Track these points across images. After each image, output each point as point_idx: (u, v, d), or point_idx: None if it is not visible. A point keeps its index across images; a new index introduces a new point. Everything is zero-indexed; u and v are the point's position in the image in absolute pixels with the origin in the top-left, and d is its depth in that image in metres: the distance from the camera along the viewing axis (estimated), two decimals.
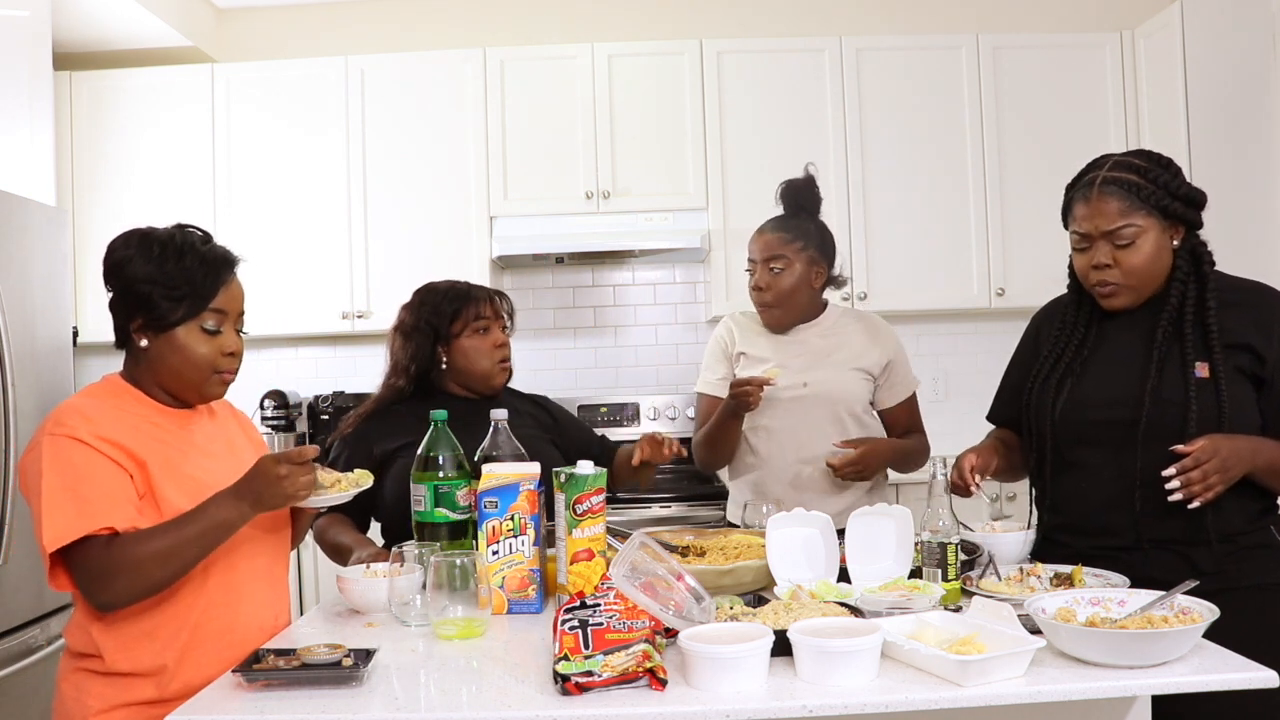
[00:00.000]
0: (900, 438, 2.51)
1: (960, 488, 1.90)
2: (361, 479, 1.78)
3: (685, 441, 4.02)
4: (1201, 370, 1.77)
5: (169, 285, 1.60)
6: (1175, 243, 1.84)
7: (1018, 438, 2.05)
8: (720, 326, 2.60)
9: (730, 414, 2.40)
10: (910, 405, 2.52)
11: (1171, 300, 1.83)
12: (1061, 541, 1.92)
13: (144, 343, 1.63)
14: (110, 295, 1.65)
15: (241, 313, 1.71)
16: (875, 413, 2.51)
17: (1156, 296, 1.86)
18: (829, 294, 2.55)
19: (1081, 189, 1.88)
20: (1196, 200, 1.84)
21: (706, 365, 2.59)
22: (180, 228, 1.68)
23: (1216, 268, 1.86)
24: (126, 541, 1.50)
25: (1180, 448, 1.70)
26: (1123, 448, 1.81)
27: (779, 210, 2.53)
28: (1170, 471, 1.70)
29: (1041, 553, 1.94)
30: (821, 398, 2.41)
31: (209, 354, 1.64)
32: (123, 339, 1.66)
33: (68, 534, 1.48)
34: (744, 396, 2.32)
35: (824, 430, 2.42)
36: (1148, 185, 1.81)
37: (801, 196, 2.52)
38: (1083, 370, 1.91)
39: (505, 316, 2.31)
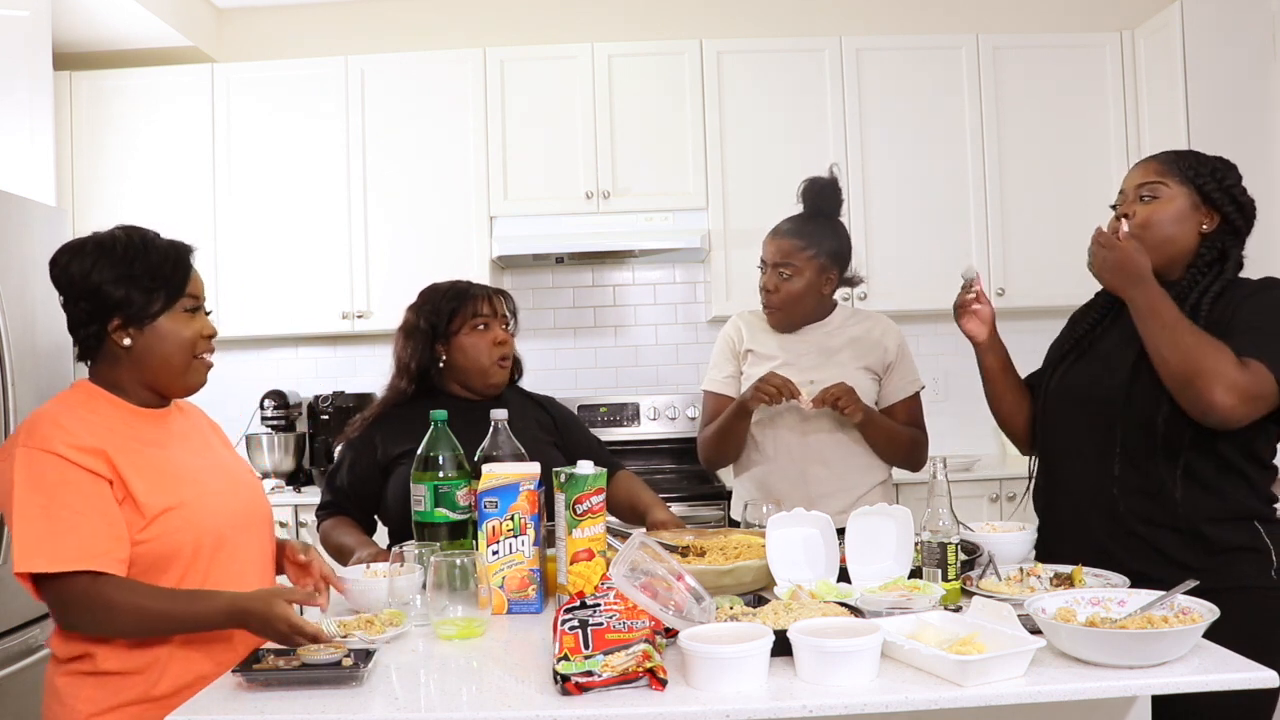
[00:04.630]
0: None
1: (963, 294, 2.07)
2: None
3: (686, 441, 4.04)
4: None
5: (143, 279, 1.62)
6: (1205, 228, 1.85)
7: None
8: (729, 324, 2.60)
9: (739, 410, 2.40)
10: (911, 403, 2.52)
11: (1181, 283, 1.83)
12: (1048, 529, 1.96)
13: (127, 341, 1.63)
14: (72, 309, 1.64)
15: (205, 298, 1.73)
16: (879, 411, 2.51)
17: (1173, 283, 1.84)
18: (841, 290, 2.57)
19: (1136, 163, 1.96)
20: (1241, 202, 1.86)
21: (714, 363, 2.58)
22: (126, 228, 1.69)
23: (1242, 274, 1.86)
24: (112, 585, 1.51)
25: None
26: (1104, 426, 1.84)
27: (785, 209, 2.53)
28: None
29: (1039, 541, 1.98)
30: None
31: (192, 337, 1.67)
32: (92, 346, 1.66)
33: (40, 564, 1.49)
34: (764, 386, 2.31)
35: (828, 428, 2.43)
36: (1193, 161, 1.87)
37: (822, 197, 2.51)
38: (1083, 353, 1.96)
39: (507, 315, 2.30)
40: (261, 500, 1.83)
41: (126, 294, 1.61)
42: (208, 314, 1.73)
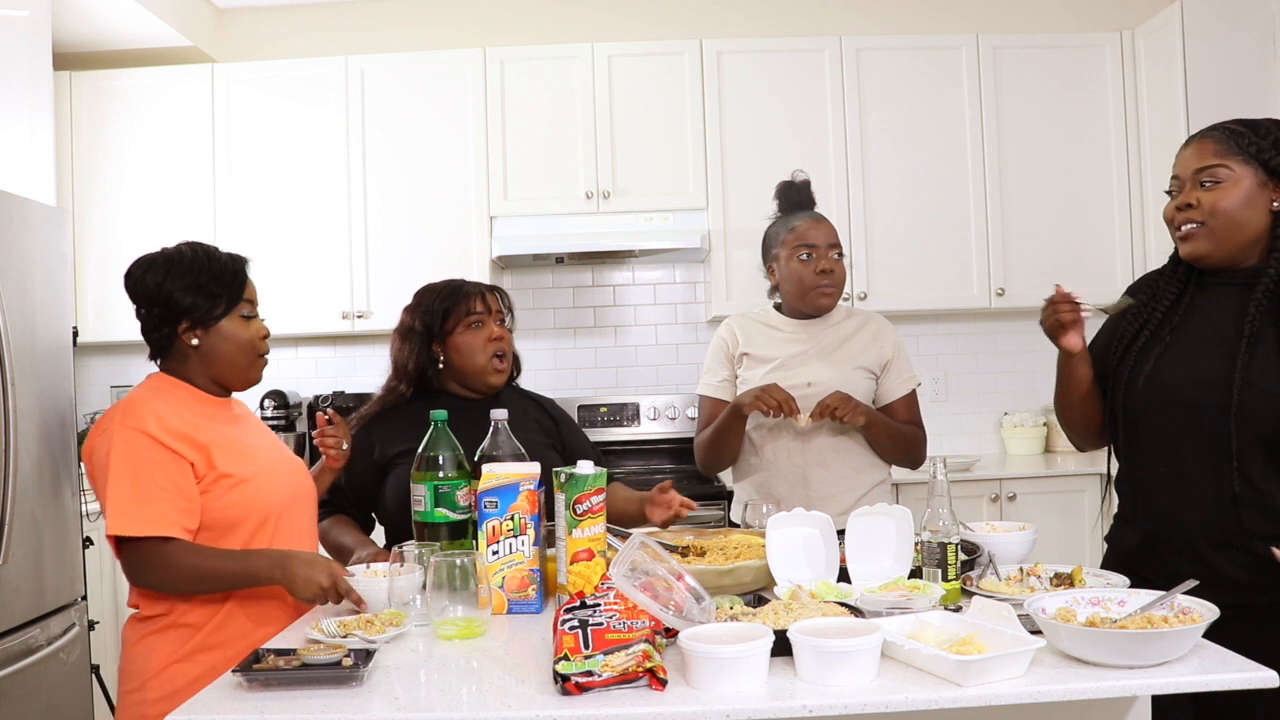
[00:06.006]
0: None
1: (1064, 307, 1.84)
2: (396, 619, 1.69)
3: (686, 441, 4.04)
4: None
5: (208, 286, 1.86)
6: (1277, 204, 1.75)
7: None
8: (722, 328, 2.60)
9: (735, 414, 2.40)
10: (909, 401, 2.52)
11: (1269, 273, 1.73)
12: (1143, 528, 1.86)
13: (195, 341, 1.87)
14: (146, 316, 1.88)
15: (258, 303, 1.98)
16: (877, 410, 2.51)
17: (1254, 270, 1.76)
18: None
19: (1187, 140, 1.84)
20: None
21: (708, 368, 2.59)
22: (191, 243, 1.92)
23: None
24: (177, 550, 1.75)
25: None
26: (1211, 433, 1.73)
27: (773, 208, 2.57)
28: None
29: (1118, 538, 1.92)
30: (824, 397, 2.40)
31: (251, 337, 1.93)
32: (164, 347, 1.90)
33: (126, 528, 1.72)
34: (765, 397, 2.30)
35: (828, 432, 2.43)
36: (1250, 134, 1.76)
37: (801, 195, 2.56)
38: (1167, 346, 1.83)
39: (502, 311, 2.30)
40: (308, 480, 2.05)
41: (194, 300, 1.85)
42: (261, 319, 1.98)
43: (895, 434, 2.46)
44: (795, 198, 2.56)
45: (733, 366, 2.55)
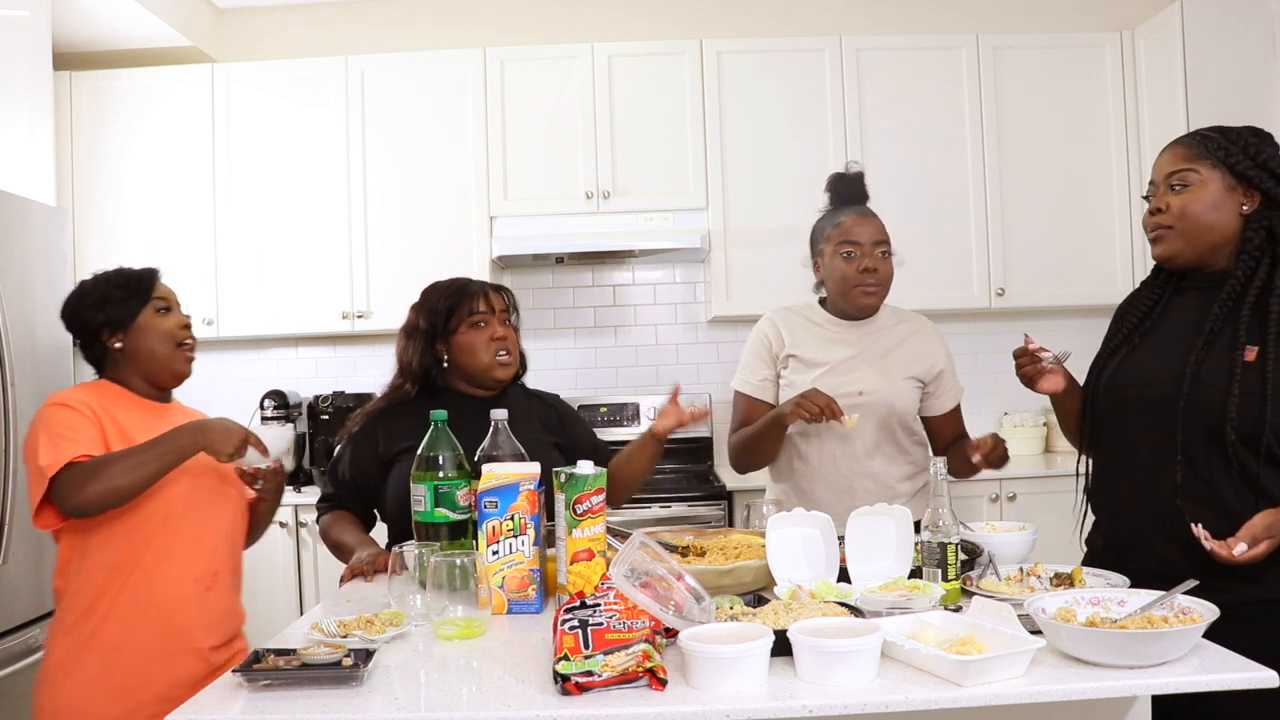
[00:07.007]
0: (949, 446, 2.46)
1: (1023, 361, 1.96)
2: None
3: (687, 441, 4.04)
4: (1250, 354, 1.70)
5: (116, 294, 2.01)
6: (1246, 208, 1.77)
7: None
8: (764, 324, 2.50)
9: (776, 422, 2.33)
10: (958, 413, 2.49)
11: (1236, 274, 1.75)
12: (1104, 534, 1.91)
13: (118, 345, 2.01)
14: (79, 342, 2.05)
15: (180, 305, 2.10)
16: (920, 419, 2.49)
17: (1223, 273, 1.79)
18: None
19: (1164, 148, 1.88)
20: None
21: (747, 364, 2.50)
22: (105, 271, 2.08)
23: None
24: (101, 458, 1.87)
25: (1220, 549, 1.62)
26: (1161, 427, 1.76)
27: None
28: (1204, 534, 1.63)
29: (1092, 539, 1.95)
30: (876, 407, 2.37)
31: (170, 329, 2.03)
32: (100, 361, 2.05)
33: (57, 463, 1.83)
34: (806, 404, 2.21)
35: (875, 440, 2.39)
36: (1220, 140, 1.80)
37: (853, 188, 2.50)
38: (1135, 347, 1.88)
39: (507, 310, 2.29)
40: (231, 487, 2.09)
41: (105, 311, 2.00)
42: (183, 314, 2.09)
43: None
44: (846, 190, 2.49)
45: (776, 366, 2.46)
